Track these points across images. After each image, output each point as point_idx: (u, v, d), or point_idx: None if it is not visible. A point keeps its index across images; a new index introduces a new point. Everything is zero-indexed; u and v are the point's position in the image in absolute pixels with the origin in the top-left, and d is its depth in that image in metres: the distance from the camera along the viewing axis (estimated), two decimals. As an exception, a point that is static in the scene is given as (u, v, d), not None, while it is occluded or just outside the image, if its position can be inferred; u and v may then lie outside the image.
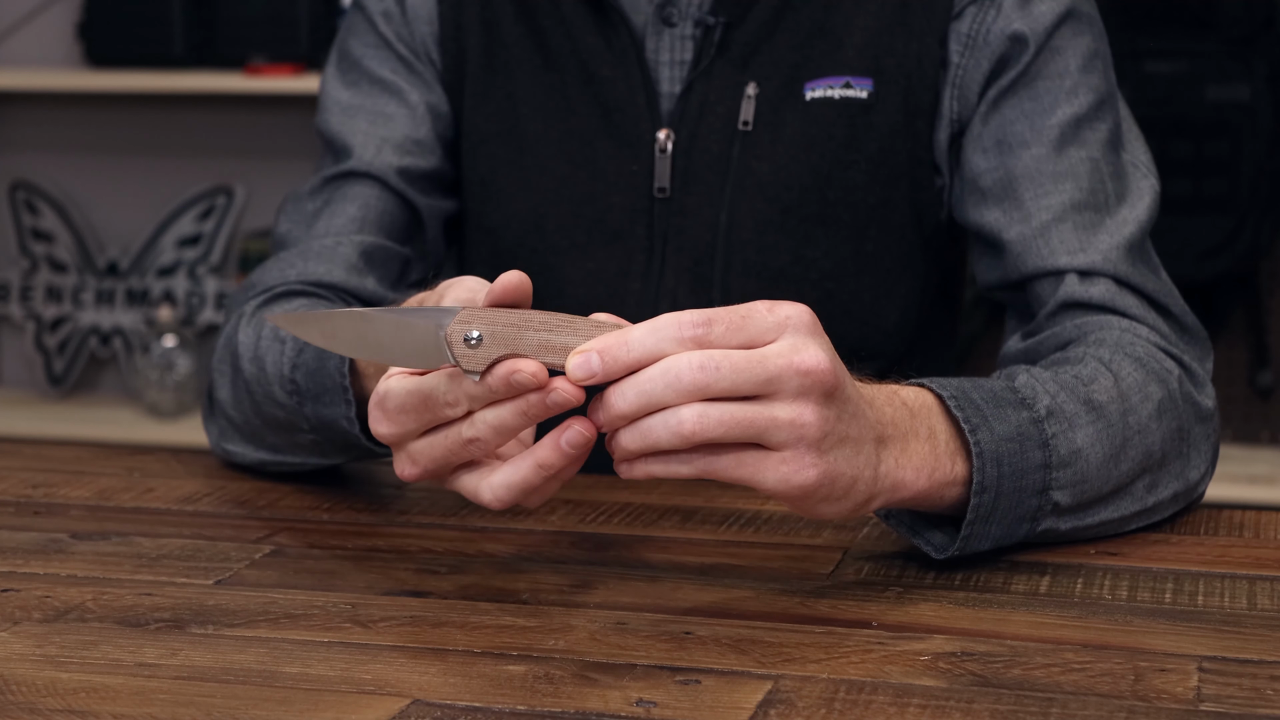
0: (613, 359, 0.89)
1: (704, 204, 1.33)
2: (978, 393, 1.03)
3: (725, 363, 0.88)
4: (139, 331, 3.36)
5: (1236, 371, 3.03)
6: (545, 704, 0.84)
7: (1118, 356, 1.13)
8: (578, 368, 0.90)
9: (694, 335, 0.89)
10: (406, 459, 0.96)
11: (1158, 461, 1.11)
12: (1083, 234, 1.24)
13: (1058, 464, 1.04)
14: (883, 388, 0.99)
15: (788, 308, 0.91)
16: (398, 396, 0.94)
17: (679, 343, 0.89)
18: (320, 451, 1.20)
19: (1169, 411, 1.12)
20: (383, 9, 1.39)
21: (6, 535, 1.12)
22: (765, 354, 0.89)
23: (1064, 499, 1.05)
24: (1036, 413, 1.04)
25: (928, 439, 0.99)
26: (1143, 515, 1.11)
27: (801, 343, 0.90)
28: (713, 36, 1.32)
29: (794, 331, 0.91)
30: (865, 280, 1.34)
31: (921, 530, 1.03)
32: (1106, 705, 0.83)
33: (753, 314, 0.90)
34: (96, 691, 0.85)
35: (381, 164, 1.35)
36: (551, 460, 0.92)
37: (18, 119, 3.46)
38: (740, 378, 0.89)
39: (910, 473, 0.98)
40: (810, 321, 0.92)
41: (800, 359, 0.89)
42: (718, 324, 0.90)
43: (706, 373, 0.88)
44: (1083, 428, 1.06)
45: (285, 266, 1.31)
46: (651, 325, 0.90)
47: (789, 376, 0.89)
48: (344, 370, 1.13)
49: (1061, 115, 1.28)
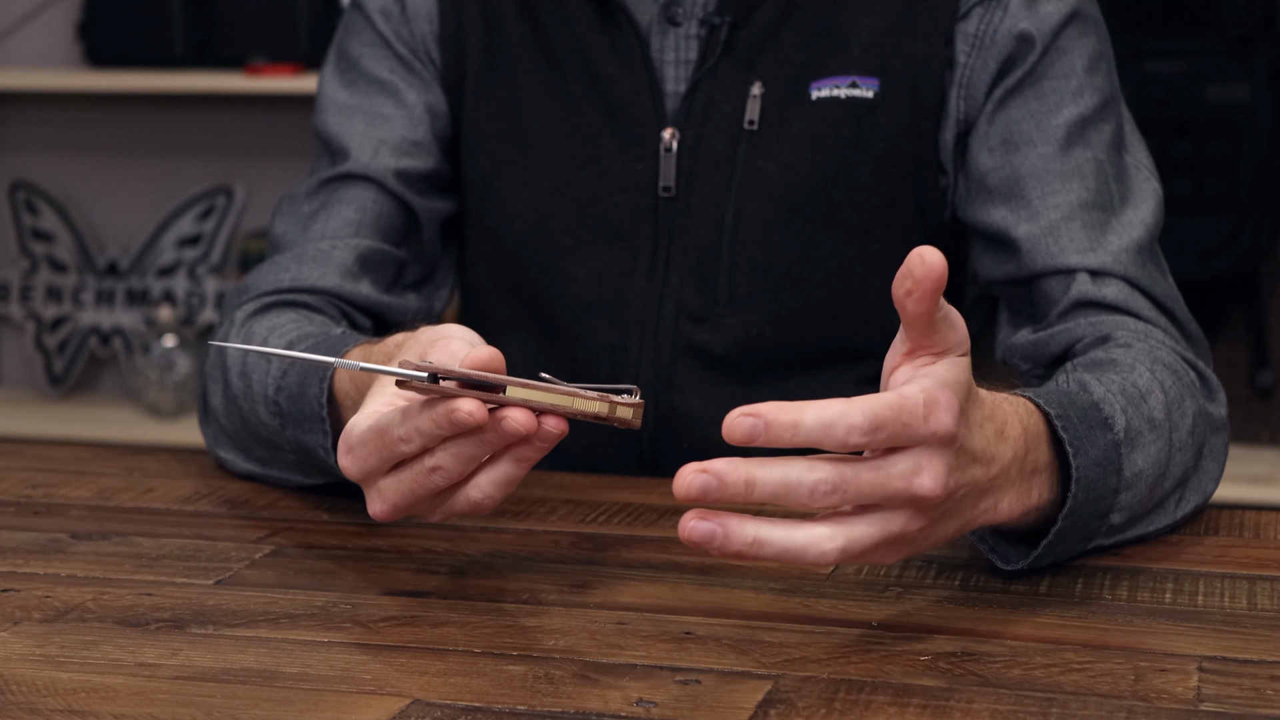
0: (776, 436, 0.85)
1: (709, 203, 1.33)
2: (1073, 410, 1.00)
3: (852, 490, 0.86)
4: (139, 331, 3.37)
5: (1236, 371, 3.03)
6: (545, 704, 0.84)
7: (1157, 367, 1.11)
8: (739, 428, 0.85)
9: (858, 443, 0.86)
10: (376, 496, 0.97)
11: (1187, 477, 1.11)
12: (1092, 233, 1.25)
13: (1124, 487, 1.02)
14: (1011, 419, 0.95)
15: (941, 417, 0.87)
16: (359, 433, 0.95)
17: (842, 446, 0.85)
18: (303, 471, 1.20)
19: (1199, 426, 1.12)
20: (382, 7, 1.39)
21: (6, 535, 1.12)
22: (890, 476, 0.86)
23: (1119, 519, 1.04)
24: (1117, 435, 1.02)
25: (1032, 475, 0.97)
26: (1168, 529, 1.11)
27: (928, 462, 0.87)
28: (718, 36, 1.32)
29: (927, 448, 0.87)
30: (870, 280, 1.34)
31: (995, 542, 1.02)
32: (1106, 705, 0.83)
33: (911, 424, 0.86)
34: (96, 691, 0.85)
35: (378, 166, 1.35)
36: (529, 455, 0.93)
37: (18, 119, 3.46)
38: (863, 498, 0.87)
39: (1004, 513, 0.96)
40: (946, 436, 0.87)
41: (918, 484, 0.87)
42: (881, 433, 0.85)
43: (835, 496, 0.86)
44: (1143, 448, 1.04)
45: (279, 270, 1.31)
46: (823, 421, 0.85)
47: (900, 501, 0.87)
48: (322, 400, 1.12)
49: (1067, 115, 1.28)
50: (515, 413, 0.91)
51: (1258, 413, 3.07)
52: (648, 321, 1.34)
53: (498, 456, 0.94)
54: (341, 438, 0.97)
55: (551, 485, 1.23)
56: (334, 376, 1.12)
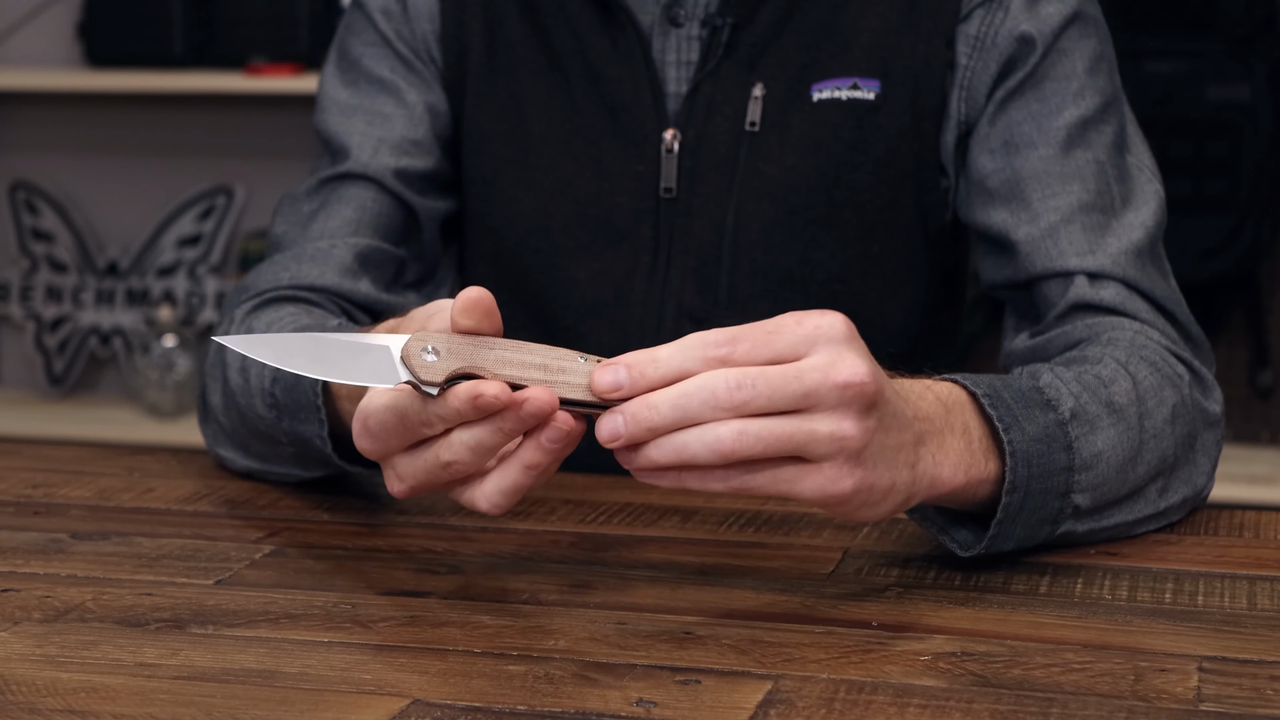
0: (640, 374, 0.89)
1: (710, 205, 1.33)
2: (1007, 391, 1.02)
3: (761, 380, 0.87)
4: (139, 331, 3.37)
5: (1236, 371, 3.03)
6: (545, 704, 0.84)
7: (1134, 359, 1.13)
8: (603, 379, 0.89)
9: (719, 355, 0.88)
10: (394, 476, 0.96)
11: (1170, 466, 1.11)
12: (1091, 236, 1.25)
13: (1080, 466, 1.03)
14: (917, 382, 0.99)
15: (816, 318, 0.90)
16: (377, 414, 0.93)
17: (704, 361, 0.88)
18: (302, 464, 1.20)
19: (1182, 416, 1.12)
20: (383, 7, 1.39)
21: (6, 535, 1.12)
22: (800, 369, 0.88)
23: (1084, 501, 1.05)
24: (1061, 414, 1.03)
25: (962, 435, 0.99)
26: (1154, 519, 1.12)
27: (837, 354, 0.89)
28: (720, 37, 1.32)
29: (828, 343, 0.89)
30: (871, 282, 1.34)
31: (948, 527, 1.03)
32: (1106, 705, 0.83)
33: (780, 329, 0.89)
34: (96, 691, 0.85)
35: (378, 165, 1.35)
36: (537, 460, 0.92)
37: (18, 119, 3.46)
38: (777, 394, 0.88)
39: (948, 470, 0.97)
40: (844, 330, 0.90)
41: (838, 372, 0.88)
42: (743, 342, 0.89)
43: (744, 391, 0.87)
44: (1103, 430, 1.05)
45: (279, 270, 1.31)
46: (679, 344, 0.89)
47: (827, 391, 0.88)
48: (317, 390, 1.12)
49: (1068, 117, 1.28)
50: (539, 391, 0.90)
51: (1258, 413, 3.07)
52: (648, 322, 1.34)
53: (509, 459, 0.93)
54: (357, 417, 0.95)
55: (551, 485, 1.23)
56: None
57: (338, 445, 1.13)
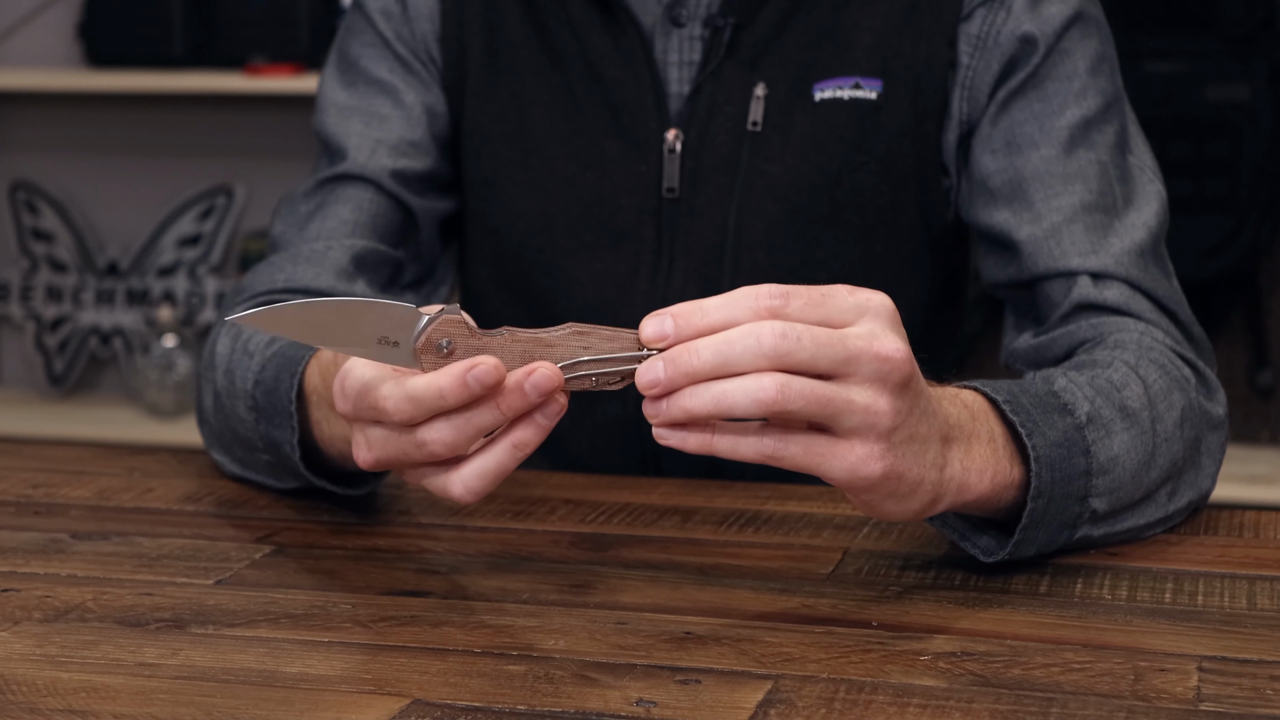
0: (687, 322, 0.88)
1: (713, 205, 1.33)
2: (1025, 396, 1.02)
3: (807, 335, 0.87)
4: (139, 331, 3.36)
5: (1236, 371, 3.03)
6: (545, 704, 0.84)
7: (1143, 362, 1.13)
8: (651, 328, 0.89)
9: (770, 306, 0.88)
10: (363, 442, 0.94)
11: (1179, 469, 1.11)
12: (1094, 236, 1.25)
13: (1098, 470, 1.03)
14: (944, 389, 0.99)
15: (868, 293, 0.90)
16: (354, 381, 0.93)
17: (754, 313, 0.88)
18: (275, 474, 1.19)
19: (1189, 420, 1.13)
20: (383, 8, 1.39)
21: (6, 535, 1.12)
22: (845, 334, 0.88)
23: (1101, 506, 1.04)
24: (1078, 419, 1.03)
25: (988, 441, 0.98)
26: (1162, 523, 1.11)
27: (881, 329, 0.89)
28: (722, 37, 1.32)
29: (874, 317, 0.90)
30: (873, 281, 1.33)
31: (969, 534, 1.03)
32: (1106, 705, 0.83)
33: (833, 294, 0.89)
34: (97, 691, 0.85)
35: (376, 166, 1.35)
36: (528, 438, 0.91)
37: (18, 119, 3.46)
38: (821, 352, 0.87)
39: (975, 475, 0.97)
40: (890, 311, 0.90)
41: (880, 345, 0.88)
42: (795, 298, 0.88)
43: (789, 341, 0.87)
44: (1118, 435, 1.05)
45: (274, 271, 1.31)
46: (728, 295, 0.89)
47: (867, 360, 0.88)
48: (291, 396, 1.12)
49: (1070, 117, 1.28)
50: (543, 366, 0.89)
51: (1258, 413, 3.07)
52: None
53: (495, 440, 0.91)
54: (337, 377, 0.94)
55: (551, 485, 1.23)
56: (305, 372, 1.12)
57: (309, 459, 1.13)
